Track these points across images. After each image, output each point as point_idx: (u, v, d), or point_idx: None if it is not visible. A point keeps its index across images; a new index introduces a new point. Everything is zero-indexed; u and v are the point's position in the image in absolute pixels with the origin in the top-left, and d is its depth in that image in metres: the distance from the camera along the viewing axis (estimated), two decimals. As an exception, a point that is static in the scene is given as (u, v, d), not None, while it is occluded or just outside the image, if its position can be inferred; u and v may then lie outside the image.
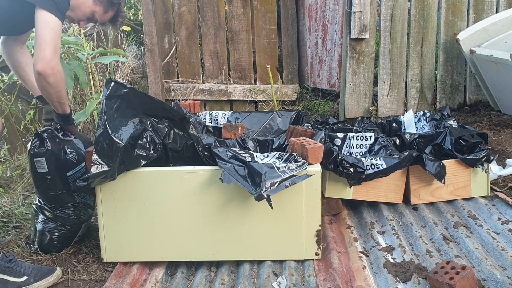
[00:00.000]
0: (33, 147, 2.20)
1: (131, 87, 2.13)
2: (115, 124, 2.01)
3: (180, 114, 2.23)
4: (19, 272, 2.02)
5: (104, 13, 2.21)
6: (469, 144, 2.48)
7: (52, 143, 2.22)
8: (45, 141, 2.21)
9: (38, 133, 2.23)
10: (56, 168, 2.22)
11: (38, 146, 2.20)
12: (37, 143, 2.21)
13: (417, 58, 3.64)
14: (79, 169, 2.30)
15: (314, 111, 4.05)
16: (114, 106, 2.02)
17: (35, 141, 2.22)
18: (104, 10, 2.20)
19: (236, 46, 4.19)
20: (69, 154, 2.26)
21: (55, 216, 2.29)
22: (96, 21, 2.22)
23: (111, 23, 2.29)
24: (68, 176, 2.26)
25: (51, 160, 2.20)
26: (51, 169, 2.21)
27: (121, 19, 2.30)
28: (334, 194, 2.39)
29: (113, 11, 2.24)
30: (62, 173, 2.25)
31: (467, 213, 2.30)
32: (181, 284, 2.02)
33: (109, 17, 2.25)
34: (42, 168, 2.20)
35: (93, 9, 2.16)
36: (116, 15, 2.26)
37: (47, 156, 2.19)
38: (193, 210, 2.06)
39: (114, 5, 2.22)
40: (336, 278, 1.90)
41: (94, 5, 2.15)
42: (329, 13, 3.90)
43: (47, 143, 2.20)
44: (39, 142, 2.21)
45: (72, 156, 2.27)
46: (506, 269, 1.83)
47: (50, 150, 2.20)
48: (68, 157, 2.26)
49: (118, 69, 4.10)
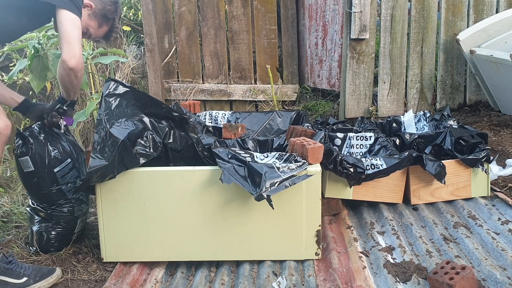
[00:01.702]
0: (17, 147, 2.21)
1: (131, 86, 2.14)
2: (114, 120, 2.03)
3: (180, 114, 2.23)
4: (19, 273, 2.01)
5: (99, 28, 2.23)
6: (469, 144, 2.47)
7: (35, 141, 2.22)
8: (27, 140, 2.21)
9: (19, 133, 2.24)
10: (42, 165, 2.22)
11: (21, 145, 2.21)
12: (19, 142, 2.21)
13: (417, 58, 3.64)
14: (65, 165, 2.29)
15: (314, 111, 4.05)
16: (114, 104, 2.05)
17: (17, 141, 2.22)
18: (99, 24, 2.22)
19: (236, 46, 4.19)
20: (52, 151, 2.26)
21: (49, 215, 2.29)
22: (90, 36, 2.25)
23: (104, 38, 2.31)
24: (55, 172, 2.26)
25: (35, 158, 2.20)
26: (37, 167, 2.21)
27: (114, 35, 2.33)
28: (334, 194, 2.39)
29: (108, 26, 2.26)
30: (49, 170, 2.24)
31: (467, 213, 2.30)
32: (181, 284, 2.02)
33: (103, 32, 2.27)
34: (28, 167, 2.20)
35: (87, 23, 2.18)
36: (110, 30, 2.29)
37: (31, 155, 2.20)
38: (193, 210, 2.06)
39: (109, 20, 2.24)
40: (336, 278, 1.90)
41: (88, 19, 2.18)
42: (329, 13, 3.90)
43: (29, 142, 2.21)
44: (22, 142, 2.21)
45: (56, 153, 2.27)
46: (506, 269, 1.83)
47: (33, 148, 2.20)
48: (52, 153, 2.26)
49: (118, 69, 4.10)
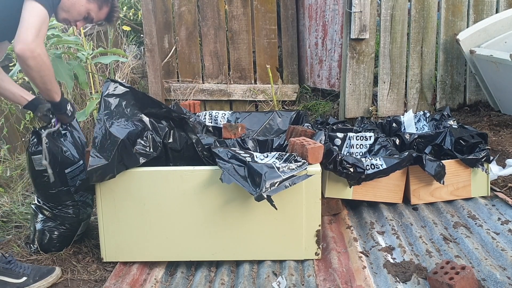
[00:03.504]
0: (31, 145, 2.21)
1: (130, 86, 2.14)
2: (114, 120, 2.03)
3: (179, 115, 2.23)
4: (18, 273, 2.01)
5: (99, 10, 2.20)
6: (469, 144, 2.47)
7: (50, 141, 2.22)
8: (43, 139, 2.21)
9: (35, 131, 2.24)
10: (54, 165, 2.22)
11: (35, 143, 2.21)
12: (34, 140, 2.21)
13: (417, 58, 3.63)
14: (77, 167, 2.30)
15: (314, 111, 4.05)
16: (113, 104, 2.04)
17: (32, 138, 2.22)
18: (99, 6, 2.19)
19: (236, 46, 4.18)
20: (66, 152, 2.26)
21: (54, 215, 2.29)
22: (92, 19, 2.21)
23: (107, 20, 2.28)
24: (66, 174, 2.26)
25: (49, 157, 2.20)
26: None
27: (116, 15, 2.29)
28: (334, 194, 2.39)
29: (108, 7, 2.23)
30: (60, 170, 2.25)
31: (467, 213, 2.30)
32: (181, 284, 2.02)
33: (105, 14, 2.24)
34: (40, 165, 2.20)
35: (88, 7, 2.15)
36: (111, 11, 2.25)
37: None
38: (193, 210, 2.06)
39: (108, 1, 2.22)
40: (336, 278, 1.90)
41: (87, 3, 2.14)
42: (329, 13, 3.90)
43: (44, 140, 2.20)
44: (37, 140, 2.21)
45: (69, 154, 2.27)
46: (505, 269, 1.83)
47: (48, 147, 2.20)
48: (65, 154, 2.26)
49: (118, 69, 4.09)
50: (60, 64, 2.83)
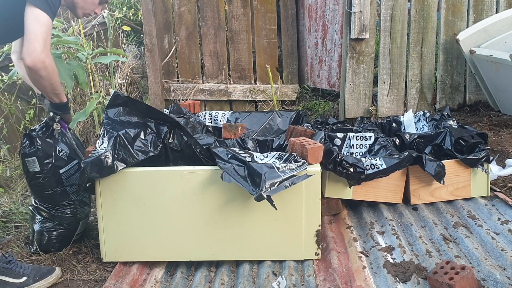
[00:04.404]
0: (24, 147, 2.22)
1: (136, 100, 2.21)
2: (115, 124, 2.07)
3: (176, 122, 2.26)
4: (18, 273, 2.02)
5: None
6: (469, 144, 2.47)
7: (42, 142, 2.23)
8: (35, 141, 2.22)
9: (27, 133, 2.25)
10: (49, 166, 2.22)
11: (28, 146, 2.22)
12: (26, 143, 2.22)
13: (417, 58, 3.63)
14: (71, 166, 2.30)
15: (314, 111, 4.05)
16: (116, 115, 2.12)
17: (24, 141, 2.23)
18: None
19: (236, 46, 4.18)
20: (60, 152, 2.27)
21: (51, 215, 2.30)
22: (106, 0, 2.22)
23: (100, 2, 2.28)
24: (61, 174, 2.26)
25: (42, 158, 2.21)
26: (43, 167, 2.22)
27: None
28: (334, 194, 2.39)
29: None
30: (55, 171, 2.25)
31: (466, 213, 2.30)
32: (181, 284, 2.02)
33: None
34: (34, 167, 2.21)
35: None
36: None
37: (38, 155, 2.21)
38: (193, 210, 2.06)
39: None
40: (335, 278, 1.90)
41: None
42: (329, 13, 3.90)
43: (37, 142, 2.22)
44: (29, 142, 2.22)
45: (63, 154, 2.28)
46: (505, 269, 1.83)
47: (40, 149, 2.21)
48: (59, 154, 2.26)
49: (118, 69, 4.09)
50: (60, 64, 2.83)
